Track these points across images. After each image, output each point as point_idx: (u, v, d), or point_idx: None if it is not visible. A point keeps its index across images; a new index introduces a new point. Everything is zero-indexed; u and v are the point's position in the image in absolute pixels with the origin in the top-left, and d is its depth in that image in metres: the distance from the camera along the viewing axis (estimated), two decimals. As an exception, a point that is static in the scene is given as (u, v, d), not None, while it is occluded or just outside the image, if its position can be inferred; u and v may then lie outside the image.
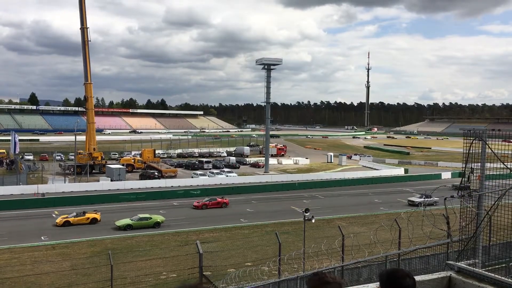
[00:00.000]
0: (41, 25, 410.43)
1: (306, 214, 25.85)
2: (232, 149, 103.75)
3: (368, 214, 44.16)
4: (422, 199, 46.15)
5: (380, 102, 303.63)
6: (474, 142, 6.30)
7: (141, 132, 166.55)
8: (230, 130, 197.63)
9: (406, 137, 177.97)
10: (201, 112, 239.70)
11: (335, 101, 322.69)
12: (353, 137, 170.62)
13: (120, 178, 61.18)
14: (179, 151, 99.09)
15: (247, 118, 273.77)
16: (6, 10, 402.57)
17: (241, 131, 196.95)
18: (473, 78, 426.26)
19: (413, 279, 3.16)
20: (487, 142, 6.28)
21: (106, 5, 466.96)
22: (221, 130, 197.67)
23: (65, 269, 26.36)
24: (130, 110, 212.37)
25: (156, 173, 66.58)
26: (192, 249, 21.35)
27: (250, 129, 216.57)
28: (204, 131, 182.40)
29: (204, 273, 21.14)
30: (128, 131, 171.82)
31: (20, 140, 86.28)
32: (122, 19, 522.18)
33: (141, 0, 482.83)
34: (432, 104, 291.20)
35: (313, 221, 27.57)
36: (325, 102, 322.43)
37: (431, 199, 46.37)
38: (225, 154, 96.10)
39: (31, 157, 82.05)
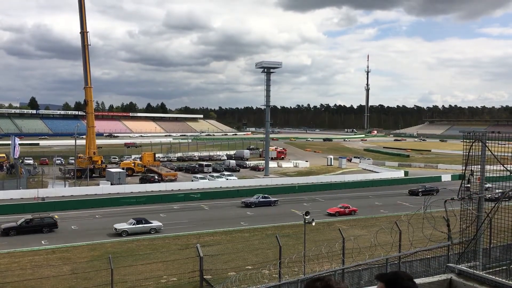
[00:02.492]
0: (41, 29, 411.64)
1: (307, 217, 25.83)
2: (232, 152, 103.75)
3: (369, 216, 44.11)
4: (129, 226, 36.84)
5: (380, 104, 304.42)
6: (474, 144, 6.31)
7: (117, 136, 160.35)
8: (228, 133, 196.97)
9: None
10: (201, 116, 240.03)
11: (335, 104, 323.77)
12: (324, 140, 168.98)
13: (120, 182, 61.11)
14: (179, 154, 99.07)
15: (246, 122, 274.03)
16: (6, 15, 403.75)
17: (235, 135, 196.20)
18: (473, 80, 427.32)
19: (414, 282, 3.16)
20: (487, 144, 6.29)
21: (107, 9, 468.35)
22: (221, 133, 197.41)
23: (65, 273, 26.34)
24: (130, 114, 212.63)
25: (156, 177, 66.54)
26: (192, 252, 21.35)
27: (250, 132, 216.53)
28: (204, 134, 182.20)
29: (204, 276, 21.14)
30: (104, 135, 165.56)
31: (20, 144, 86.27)
32: (123, 23, 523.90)
33: (141, 4, 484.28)
34: (432, 106, 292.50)
35: (314, 224, 27.54)
36: (325, 105, 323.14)
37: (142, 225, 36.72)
38: (225, 158, 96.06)
39: (31, 161, 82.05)
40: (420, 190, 56.74)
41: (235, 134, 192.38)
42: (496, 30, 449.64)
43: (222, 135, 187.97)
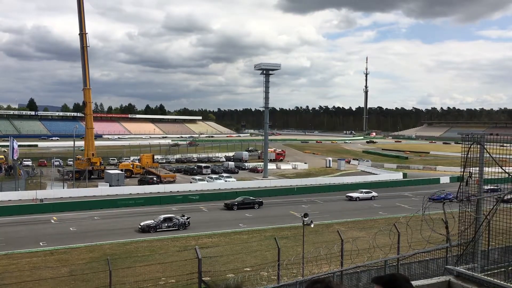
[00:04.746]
0: (41, 30, 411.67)
1: (305, 219, 25.81)
2: (231, 154, 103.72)
3: (367, 218, 44.11)
4: None
5: (378, 106, 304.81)
6: (472, 146, 6.32)
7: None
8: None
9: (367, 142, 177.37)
10: (200, 117, 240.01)
11: (334, 106, 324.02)
12: (367, 142, 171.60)
13: (118, 184, 61.03)
14: (178, 156, 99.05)
15: (245, 123, 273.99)
16: (6, 17, 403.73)
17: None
18: (472, 83, 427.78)
19: (411, 284, 3.16)
20: (485, 146, 6.30)
21: (106, 12, 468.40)
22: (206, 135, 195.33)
23: (63, 275, 26.27)
24: (129, 116, 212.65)
25: (154, 178, 66.48)
26: (191, 254, 21.32)
27: (248, 134, 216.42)
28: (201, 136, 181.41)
29: (203, 278, 21.10)
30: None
31: (18, 145, 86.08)
32: (122, 25, 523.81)
33: (141, 6, 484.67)
34: (431, 108, 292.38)
35: (312, 226, 27.52)
36: (324, 107, 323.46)
37: None
38: (224, 159, 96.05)
39: (29, 163, 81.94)
40: (235, 203, 48.96)
41: (212, 136, 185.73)
42: (494, 32, 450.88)
43: (206, 136, 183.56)
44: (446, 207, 6.68)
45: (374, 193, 56.94)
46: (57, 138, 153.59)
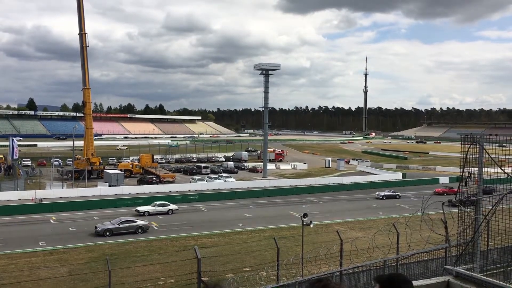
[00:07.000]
0: (41, 30, 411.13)
1: (304, 219, 25.80)
2: (230, 154, 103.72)
3: (367, 219, 44.12)
4: None
5: (378, 107, 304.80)
6: (471, 147, 6.32)
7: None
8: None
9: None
10: (199, 117, 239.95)
11: (333, 106, 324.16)
12: (417, 142, 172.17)
13: (118, 184, 60.98)
14: (177, 156, 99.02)
15: (245, 123, 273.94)
16: (6, 17, 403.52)
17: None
18: (471, 83, 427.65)
19: (411, 284, 3.17)
20: (485, 147, 6.30)
21: (106, 11, 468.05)
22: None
23: (62, 275, 26.26)
24: (128, 115, 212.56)
25: (154, 178, 66.44)
26: (190, 254, 21.31)
27: (248, 134, 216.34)
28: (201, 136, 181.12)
29: (202, 278, 21.09)
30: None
31: (18, 145, 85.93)
32: (122, 25, 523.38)
33: (141, 6, 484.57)
34: (430, 109, 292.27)
35: (311, 226, 27.51)
36: (323, 107, 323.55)
37: None
38: (223, 159, 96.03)
39: (29, 163, 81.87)
40: None
41: (192, 137, 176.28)
42: (494, 33, 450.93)
43: (190, 136, 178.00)
44: (445, 207, 6.68)
45: (172, 206, 46.69)
46: (19, 138, 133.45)
